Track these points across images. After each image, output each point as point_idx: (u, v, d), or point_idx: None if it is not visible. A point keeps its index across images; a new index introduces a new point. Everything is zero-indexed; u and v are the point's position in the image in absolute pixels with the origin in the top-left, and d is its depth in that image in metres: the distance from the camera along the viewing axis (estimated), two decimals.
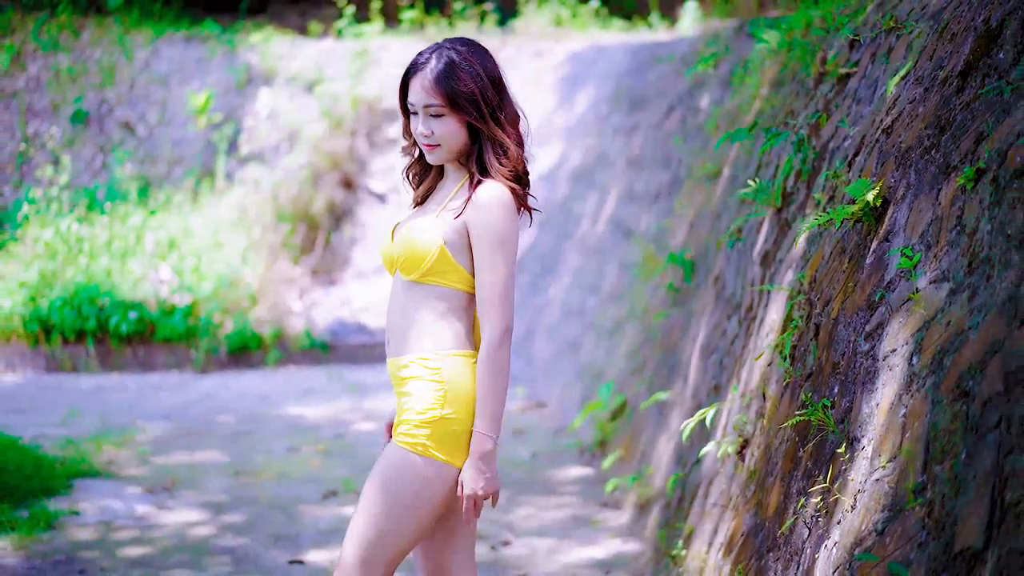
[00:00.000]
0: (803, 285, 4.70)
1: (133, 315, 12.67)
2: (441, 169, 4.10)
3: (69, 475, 8.25)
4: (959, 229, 3.47)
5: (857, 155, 4.62)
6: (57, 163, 15.81)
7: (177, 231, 14.18)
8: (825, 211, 4.66)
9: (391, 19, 17.59)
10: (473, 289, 3.90)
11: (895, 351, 3.59)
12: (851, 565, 3.37)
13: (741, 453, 5.09)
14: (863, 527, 3.40)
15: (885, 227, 3.98)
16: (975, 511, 2.85)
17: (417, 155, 4.11)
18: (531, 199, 4.06)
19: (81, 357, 12.68)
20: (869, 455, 3.54)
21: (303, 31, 17.63)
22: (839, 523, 3.60)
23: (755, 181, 5.90)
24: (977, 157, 3.51)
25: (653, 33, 16.08)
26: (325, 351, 13.15)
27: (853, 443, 3.68)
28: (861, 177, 4.37)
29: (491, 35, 17.02)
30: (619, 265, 10.05)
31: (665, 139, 9.97)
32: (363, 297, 14.51)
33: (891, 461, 3.36)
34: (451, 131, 3.89)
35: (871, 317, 3.84)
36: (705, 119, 8.75)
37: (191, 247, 13.86)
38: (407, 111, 3.98)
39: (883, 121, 4.44)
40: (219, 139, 15.71)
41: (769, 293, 5.33)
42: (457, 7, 17.46)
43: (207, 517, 7.53)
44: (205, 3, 18.46)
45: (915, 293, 3.58)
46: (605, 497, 7.77)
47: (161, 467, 8.73)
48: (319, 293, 14.48)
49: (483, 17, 17.51)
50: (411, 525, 3.85)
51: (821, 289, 4.45)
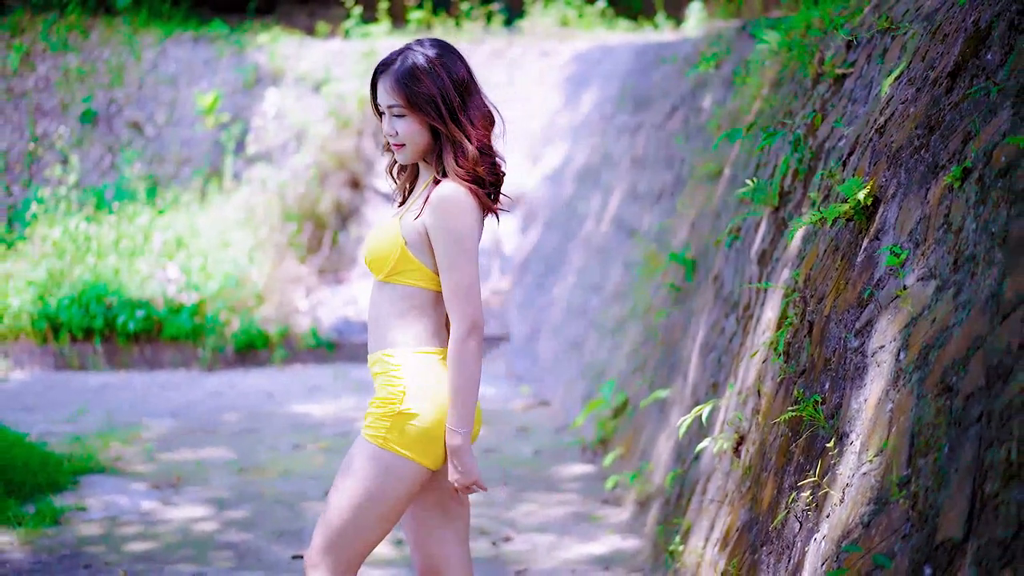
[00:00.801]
0: (798, 283, 4.75)
1: (140, 313, 12.75)
2: (418, 167, 4.16)
3: (76, 471, 8.33)
4: (946, 227, 3.52)
5: (851, 155, 4.67)
6: (66, 162, 15.90)
7: (184, 230, 14.26)
8: (819, 210, 4.71)
9: (398, 20, 17.66)
10: (438, 287, 3.96)
11: (883, 347, 3.64)
12: (838, 557, 3.43)
13: (737, 449, 5.14)
14: (850, 520, 3.45)
15: (876, 225, 4.04)
16: (956, 503, 2.91)
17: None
18: (504, 198, 4.11)
19: (89, 355, 12.77)
20: (857, 450, 3.60)
21: (311, 31, 17.70)
22: (828, 516, 3.66)
23: (753, 181, 5.95)
24: (964, 157, 3.57)
25: (659, 34, 16.14)
26: (331, 350, 13.23)
27: (842, 438, 3.74)
28: (854, 176, 4.43)
29: (497, 35, 17.08)
30: (622, 264, 10.11)
31: (668, 139, 10.02)
32: (368, 295, 14.57)
33: (878, 455, 3.42)
34: (413, 131, 3.94)
35: (861, 314, 3.90)
36: (707, 119, 8.80)
37: (198, 246, 13.94)
38: (378, 111, 4.05)
39: (877, 121, 4.49)
40: (227, 139, 15.79)
41: (766, 291, 5.39)
42: (464, 7, 17.53)
43: (212, 513, 7.60)
44: (213, 3, 18.53)
45: (903, 290, 3.64)
46: (606, 494, 7.82)
47: (167, 464, 8.80)
48: (325, 292, 14.55)
49: (490, 17, 17.58)
50: (373, 516, 3.92)
51: (815, 287, 4.50)
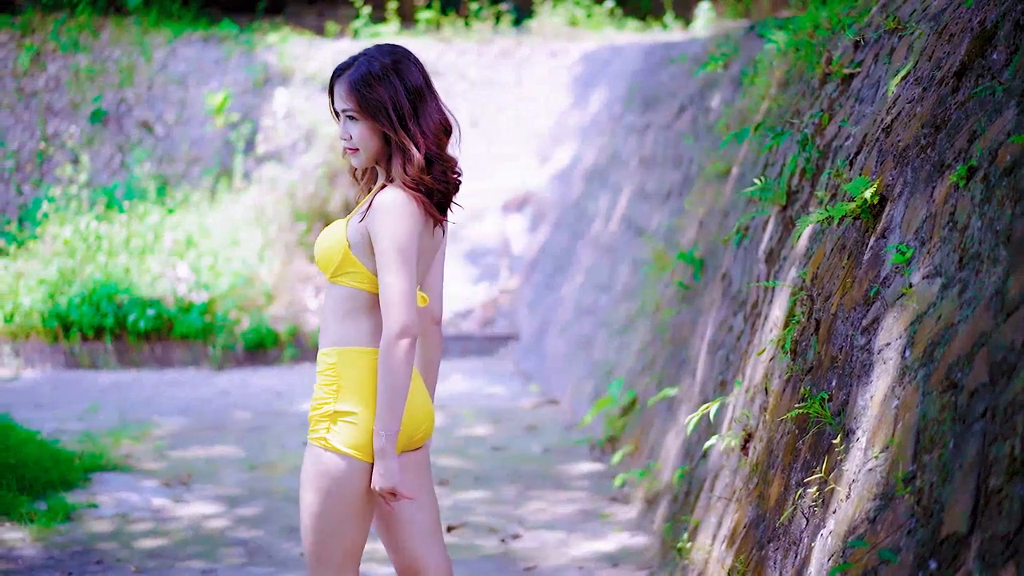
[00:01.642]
0: (805, 281, 4.79)
1: (151, 312, 12.80)
2: (376, 172, 4.17)
3: (87, 469, 8.38)
4: (951, 226, 3.56)
5: (859, 154, 4.71)
6: (76, 162, 15.96)
7: (194, 229, 14.32)
8: (826, 209, 4.75)
9: (407, 20, 17.71)
10: (378, 290, 3.98)
11: (889, 345, 3.68)
12: (844, 553, 3.47)
13: (745, 447, 5.17)
14: (856, 516, 3.49)
15: (882, 224, 4.08)
16: (961, 498, 2.94)
17: None
18: (456, 205, 4.08)
19: (99, 353, 12.82)
20: (863, 446, 3.63)
21: (320, 31, 17.74)
22: (834, 512, 3.70)
23: (761, 180, 5.98)
24: (970, 156, 3.60)
25: (667, 34, 16.17)
26: None
27: (849, 435, 3.77)
28: (861, 175, 4.46)
29: (506, 35, 17.13)
30: (631, 263, 10.15)
31: (676, 139, 10.06)
32: None
33: (883, 451, 3.46)
34: (365, 136, 3.97)
35: (867, 312, 3.94)
36: (715, 119, 8.83)
37: (208, 245, 13.99)
38: (336, 114, 4.08)
39: (883, 120, 4.52)
40: (236, 138, 15.84)
41: (773, 289, 5.42)
42: (473, 7, 17.57)
43: (222, 510, 7.64)
44: (223, 3, 18.59)
45: (908, 288, 3.67)
46: (614, 492, 7.86)
47: (178, 461, 8.85)
48: None
49: (498, 17, 17.62)
50: (338, 517, 3.93)
51: (822, 285, 4.54)
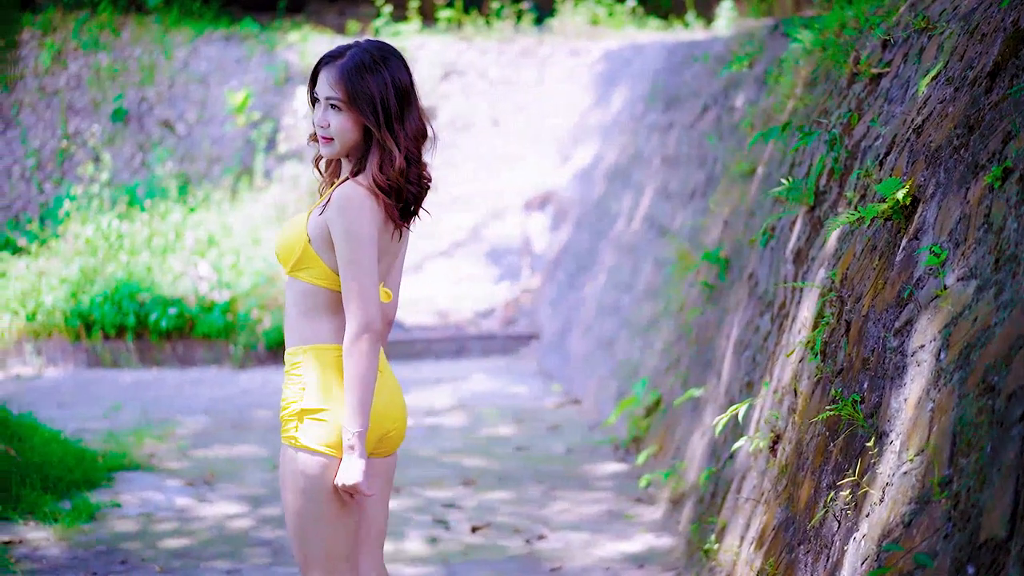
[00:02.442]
0: (834, 282, 4.76)
1: (172, 311, 12.81)
2: (340, 165, 4.13)
3: (110, 468, 8.38)
4: (986, 227, 3.53)
5: (888, 154, 4.67)
6: (98, 161, 15.99)
7: (216, 228, 14.33)
8: (856, 209, 4.72)
9: (428, 18, 17.70)
10: (339, 286, 3.93)
11: (923, 347, 3.65)
12: (879, 556, 3.44)
13: (773, 448, 5.15)
14: (891, 519, 3.46)
15: (915, 225, 4.04)
16: (999, 503, 2.91)
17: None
18: (424, 211, 4.07)
19: (121, 352, 12.84)
20: (897, 449, 3.60)
21: (341, 30, 17.75)
22: (867, 516, 3.67)
23: (788, 180, 5.95)
24: (1004, 156, 3.57)
25: (689, 32, 16.14)
26: None
27: (882, 437, 3.74)
28: (892, 176, 4.43)
29: (528, 34, 17.11)
30: (654, 263, 10.12)
31: (700, 138, 10.02)
32: (399, 294, 14.60)
33: (918, 455, 3.43)
34: (346, 128, 3.91)
35: (900, 314, 3.91)
36: (740, 118, 8.80)
37: (230, 244, 14.00)
38: (314, 100, 4.01)
39: (914, 120, 4.49)
40: (257, 137, 15.85)
41: (801, 290, 5.40)
42: (494, 6, 17.55)
43: (246, 510, 7.64)
44: (244, 2, 18.61)
45: (943, 290, 3.64)
46: (639, 492, 7.84)
47: (200, 460, 8.85)
48: None
49: (520, 16, 17.61)
50: (317, 516, 3.90)
51: (852, 286, 4.51)
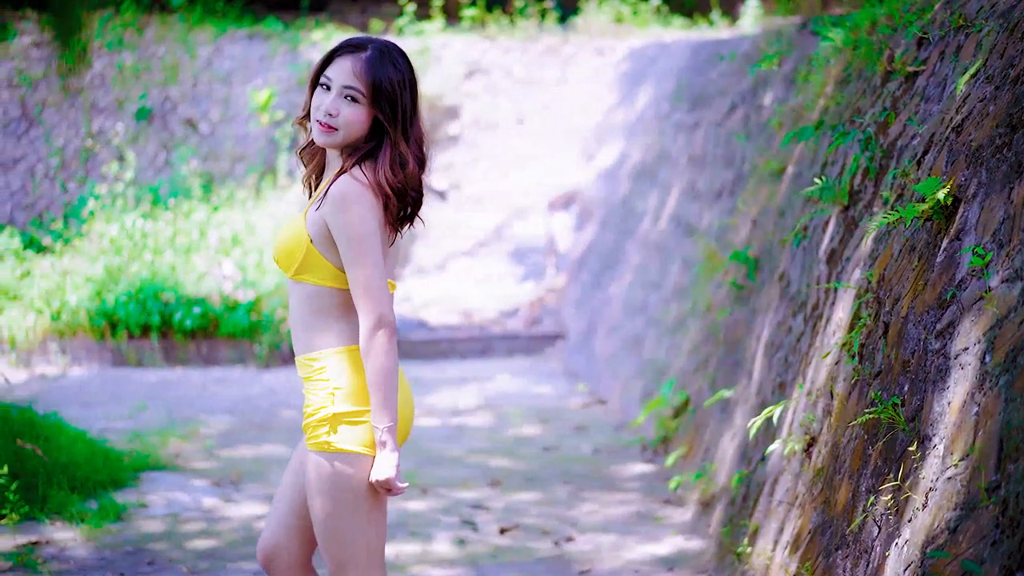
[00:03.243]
0: (871, 283, 4.70)
1: (197, 310, 12.79)
2: (325, 160, 4.06)
3: (136, 468, 8.36)
4: None
5: (926, 153, 4.62)
6: (122, 159, 15.99)
7: (240, 227, 14.32)
8: (894, 209, 4.66)
9: (452, 17, 17.67)
10: (346, 285, 3.88)
11: (967, 349, 3.59)
12: (923, 563, 3.38)
13: (808, 451, 5.09)
14: (935, 525, 3.41)
15: (956, 226, 3.99)
16: None
17: (310, 137, 4.05)
18: (419, 220, 4.05)
19: (146, 351, 12.83)
20: (941, 453, 3.55)
21: (364, 29, 17.72)
22: (910, 521, 3.61)
23: (821, 179, 5.90)
24: None
25: (714, 31, 16.07)
26: None
27: (924, 441, 3.69)
28: (931, 175, 4.37)
29: (552, 32, 17.06)
30: (681, 262, 10.06)
31: (727, 137, 9.96)
32: (423, 294, 14.59)
33: (963, 459, 3.37)
34: (357, 120, 3.86)
35: (942, 315, 3.85)
36: (768, 117, 8.73)
37: (254, 243, 13.99)
38: (316, 85, 3.93)
39: (953, 119, 4.43)
40: (281, 136, 15.84)
41: (836, 291, 5.34)
42: (518, 4, 17.51)
43: None
44: (267, 1, 18.60)
45: (987, 292, 3.58)
46: (667, 494, 7.78)
47: (226, 460, 8.83)
48: None
49: (544, 14, 17.56)
50: (362, 516, 3.86)
51: (890, 287, 4.45)
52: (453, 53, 16.45)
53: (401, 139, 3.88)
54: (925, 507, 3.53)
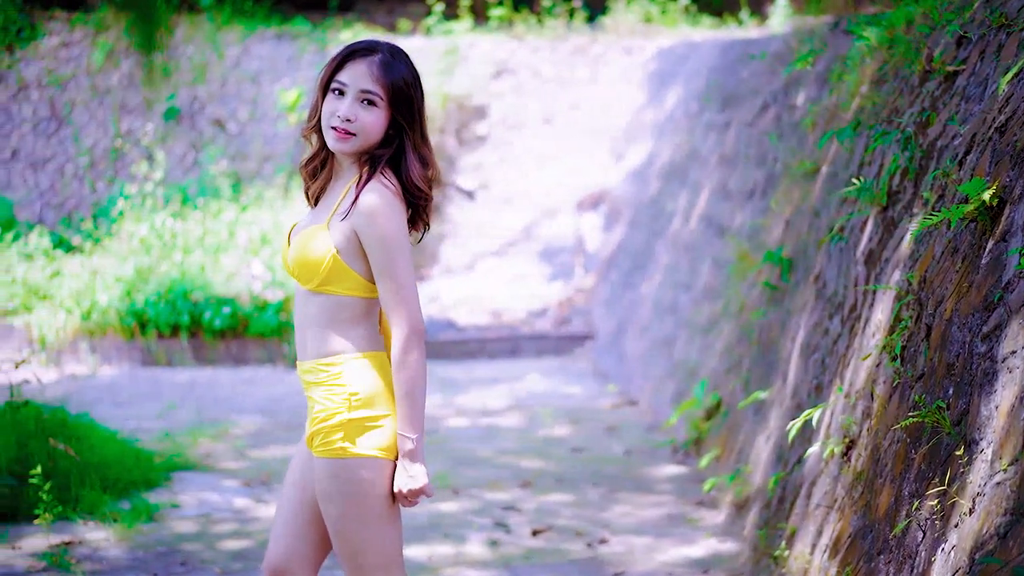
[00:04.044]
0: (912, 285, 4.65)
1: (226, 310, 12.80)
2: (332, 171, 4.01)
3: (167, 468, 8.37)
4: None
5: (968, 154, 4.57)
6: (151, 159, 16.02)
7: (268, 227, 14.32)
8: (935, 210, 4.61)
9: (480, 16, 17.65)
10: (370, 294, 3.85)
11: (1015, 353, 3.54)
12: (972, 569, 3.34)
13: (847, 454, 5.05)
14: (984, 531, 3.36)
15: (1002, 227, 3.94)
16: None
17: (317, 147, 4.00)
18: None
19: (176, 351, 12.85)
20: (988, 458, 3.50)
21: (391, 28, 17.72)
22: (957, 526, 3.57)
23: (858, 180, 5.85)
24: None
25: (743, 30, 16.01)
26: None
27: (971, 446, 3.64)
28: (974, 176, 4.32)
29: (580, 32, 17.02)
30: (712, 262, 10.01)
31: (759, 136, 9.91)
32: (452, 294, 14.57)
33: (1012, 464, 3.33)
34: (376, 125, 3.82)
35: (988, 318, 3.80)
36: (801, 116, 8.68)
37: (283, 243, 13.99)
38: (327, 91, 3.87)
39: (996, 120, 4.38)
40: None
41: (874, 293, 5.29)
42: (545, 4, 17.47)
43: None
44: (295, 1, 18.61)
45: None
46: (700, 495, 7.74)
47: (257, 460, 8.82)
48: None
49: (572, 14, 17.52)
50: (381, 520, 3.83)
51: (932, 289, 4.40)
52: (481, 53, 16.44)
53: (419, 140, 3.87)
54: (973, 512, 3.48)
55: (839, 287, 6.15)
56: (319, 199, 4.03)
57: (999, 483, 3.37)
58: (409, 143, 3.86)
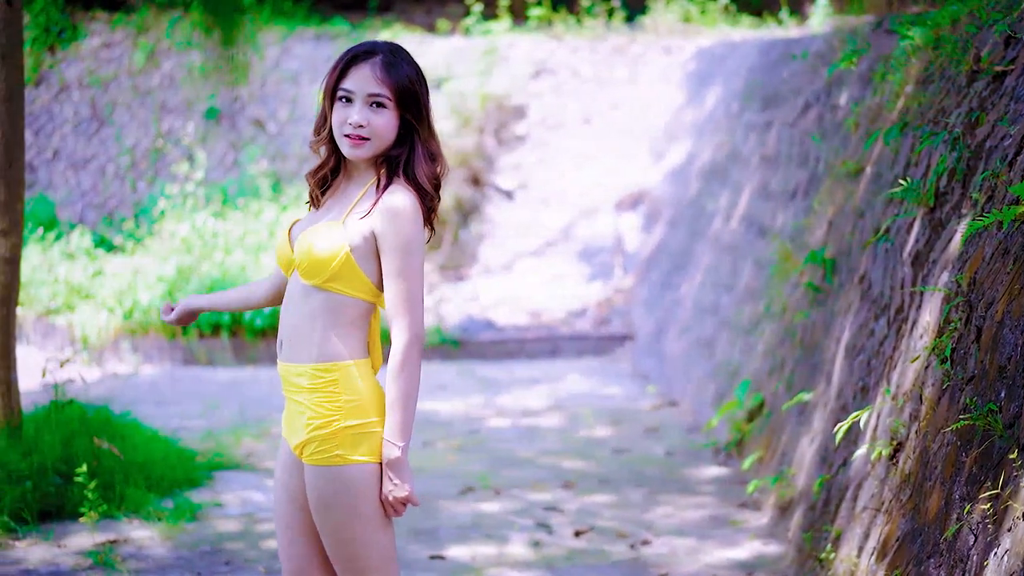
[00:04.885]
0: (961, 286, 4.62)
1: (267, 310, 12.84)
2: (343, 174, 3.99)
3: (210, 467, 8.40)
4: None
5: (1018, 155, 4.53)
6: (191, 159, 16.09)
7: None
8: (985, 212, 4.58)
9: (518, 16, 17.65)
10: (372, 298, 3.84)
11: None
12: None
13: (894, 456, 5.02)
14: None
15: None
16: None
17: (326, 156, 3.98)
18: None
19: (216, 350, 12.90)
20: None
21: (430, 29, 17.75)
22: (1010, 530, 3.54)
23: (905, 180, 5.81)
24: None
25: (783, 30, 15.95)
26: (456, 347, 13.21)
27: None
28: None
29: (619, 32, 17.00)
30: (754, 263, 9.98)
31: (801, 136, 9.87)
32: (491, 293, 14.57)
33: None
34: (388, 126, 3.80)
35: None
36: (844, 117, 8.64)
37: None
38: (333, 100, 3.86)
39: None
40: None
41: (922, 294, 5.26)
42: (584, 4, 17.46)
43: None
44: (334, 1, 18.66)
45: None
46: (743, 497, 7.72)
47: None
48: (447, 289, 14.57)
49: (611, 13, 17.50)
50: (377, 523, 3.81)
51: (982, 291, 4.37)
52: (520, 53, 16.43)
53: (428, 136, 3.87)
54: None
55: (885, 288, 6.12)
56: (322, 200, 4.01)
57: None
58: (418, 140, 3.86)
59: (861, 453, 5.48)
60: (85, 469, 6.83)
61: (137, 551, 6.73)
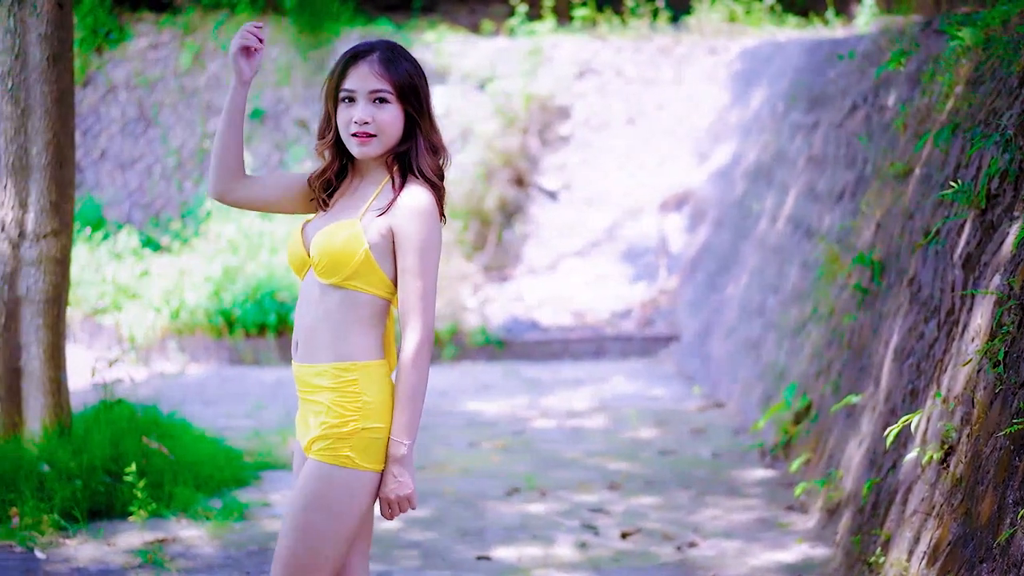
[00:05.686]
0: (1013, 290, 4.60)
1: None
2: (352, 175, 4.00)
3: (258, 467, 8.45)
4: None
5: None
6: None
7: None
8: None
9: (563, 17, 17.61)
10: (389, 296, 3.84)
11: None
12: None
13: (946, 460, 4.99)
14: None
15: None
16: None
17: (330, 159, 3.99)
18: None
19: (262, 350, 12.95)
20: None
21: (475, 29, 17.74)
22: None
23: (956, 182, 5.78)
24: None
25: (829, 30, 15.87)
26: (500, 347, 13.22)
27: None
28: None
29: (664, 32, 16.96)
30: (801, 264, 9.94)
31: (848, 137, 9.82)
32: (535, 294, 14.57)
33: None
34: (394, 121, 3.82)
35: None
36: (892, 118, 8.59)
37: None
38: (336, 102, 3.88)
39: None
40: None
41: (972, 297, 5.23)
42: (629, 4, 17.43)
43: None
44: (379, 2, 18.69)
45: None
46: (790, 500, 7.69)
47: None
48: (492, 289, 14.58)
49: (655, 14, 17.46)
50: (342, 535, 3.82)
51: None
52: (564, 53, 16.42)
53: (430, 128, 3.89)
54: None
55: (935, 291, 6.08)
56: (330, 203, 4.01)
57: None
58: (420, 132, 3.89)
59: (911, 456, 5.46)
60: (134, 468, 6.89)
61: (186, 550, 6.78)
